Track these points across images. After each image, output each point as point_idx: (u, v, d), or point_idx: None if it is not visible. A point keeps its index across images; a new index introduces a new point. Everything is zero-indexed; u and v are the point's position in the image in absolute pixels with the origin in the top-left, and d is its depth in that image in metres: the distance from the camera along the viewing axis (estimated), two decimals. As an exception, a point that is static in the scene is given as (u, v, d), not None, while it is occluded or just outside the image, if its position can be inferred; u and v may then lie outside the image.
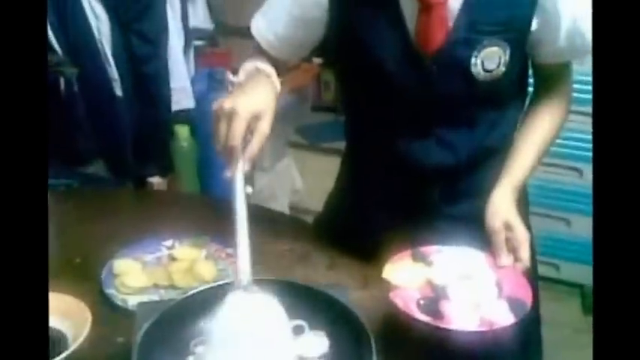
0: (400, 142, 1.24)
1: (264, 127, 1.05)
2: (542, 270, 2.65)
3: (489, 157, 1.26)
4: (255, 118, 1.04)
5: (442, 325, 1.00)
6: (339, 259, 1.32)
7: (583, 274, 2.63)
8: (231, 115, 1.03)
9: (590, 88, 2.35)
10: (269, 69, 1.18)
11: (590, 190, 2.40)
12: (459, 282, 1.09)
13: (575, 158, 2.52)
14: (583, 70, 2.20)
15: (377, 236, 1.24)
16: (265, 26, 1.27)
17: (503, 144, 1.26)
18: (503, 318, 1.02)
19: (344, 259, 1.32)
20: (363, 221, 1.34)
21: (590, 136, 2.38)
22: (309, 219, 1.63)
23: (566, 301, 2.70)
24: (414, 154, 1.23)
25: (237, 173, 1.03)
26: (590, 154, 2.33)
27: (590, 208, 2.52)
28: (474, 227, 1.17)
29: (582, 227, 2.56)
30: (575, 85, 2.29)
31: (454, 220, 1.26)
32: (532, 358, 1.43)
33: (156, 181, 2.12)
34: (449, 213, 1.28)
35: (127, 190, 1.94)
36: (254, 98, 1.08)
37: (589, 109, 2.38)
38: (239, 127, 1.02)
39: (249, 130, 1.04)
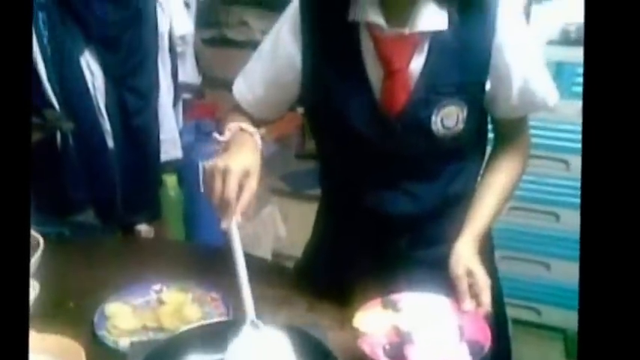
0: (368, 193, 1.32)
1: (253, 183, 1.15)
2: (524, 314, 2.76)
3: (453, 206, 1.34)
4: (245, 175, 1.14)
5: None
6: (318, 303, 1.38)
7: (565, 318, 2.67)
8: (225, 173, 1.12)
9: (564, 135, 2.48)
10: (252, 128, 1.27)
11: (567, 234, 2.50)
12: (424, 327, 1.16)
13: (553, 203, 2.58)
14: (559, 119, 2.34)
15: (352, 281, 1.32)
16: (245, 88, 1.37)
17: (466, 193, 1.35)
18: None
19: (322, 303, 1.38)
20: (338, 267, 1.41)
21: (565, 182, 2.48)
22: (292, 265, 1.70)
23: (549, 346, 2.73)
24: (382, 205, 1.32)
25: (233, 224, 1.13)
26: (566, 198, 2.48)
27: (568, 252, 2.65)
28: (441, 272, 1.25)
29: (562, 271, 2.61)
30: (552, 133, 2.45)
31: (422, 265, 1.34)
32: None
33: (143, 228, 2.18)
34: (417, 258, 1.36)
35: (117, 237, 1.99)
36: (243, 156, 1.17)
37: (564, 155, 2.51)
38: (233, 183, 1.12)
39: (240, 186, 1.13)
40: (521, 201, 2.55)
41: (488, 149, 1.41)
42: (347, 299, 1.28)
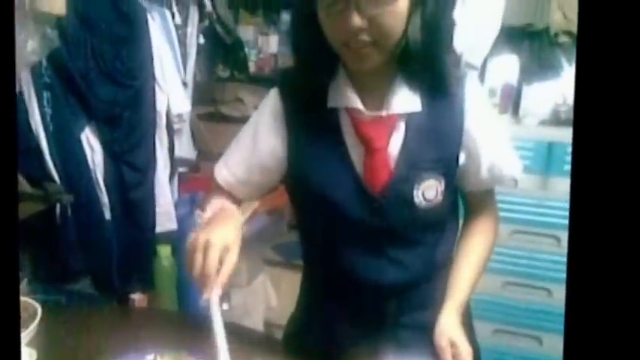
0: (354, 264, 1.37)
1: (233, 258, 1.19)
2: (517, 388, 2.75)
3: (436, 271, 1.40)
4: (226, 249, 1.18)
5: None
6: None
7: (558, 392, 2.65)
8: (206, 247, 1.17)
9: (556, 212, 2.55)
10: (232, 207, 1.34)
11: (559, 309, 2.54)
12: None
13: (545, 279, 2.64)
14: (551, 196, 2.41)
15: (341, 349, 1.37)
16: (226, 172, 1.43)
17: (447, 259, 1.42)
18: None
19: None
20: (327, 336, 1.44)
21: (557, 258, 2.56)
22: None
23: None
24: (368, 274, 1.36)
25: (213, 297, 1.18)
26: (558, 274, 2.52)
27: (560, 326, 2.64)
28: (428, 336, 1.32)
29: (554, 346, 2.63)
30: (544, 210, 2.52)
31: (410, 330, 1.38)
32: None
33: (137, 297, 2.22)
34: (405, 324, 1.40)
35: (112, 306, 2.01)
36: (224, 232, 1.21)
37: (556, 232, 2.57)
38: (213, 258, 1.16)
39: (220, 260, 1.18)
40: (514, 276, 2.61)
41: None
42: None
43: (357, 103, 1.28)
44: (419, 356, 1.30)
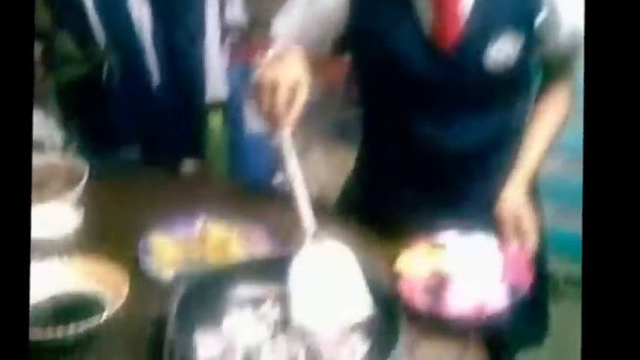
0: (417, 128, 1.32)
1: (303, 93, 1.13)
2: None
3: (504, 141, 1.34)
4: (295, 85, 1.12)
5: (437, 312, 1.09)
6: (363, 240, 1.34)
7: None
8: (274, 84, 1.10)
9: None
10: (295, 47, 1.25)
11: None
12: (466, 267, 1.16)
13: None
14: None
15: (402, 217, 1.32)
16: (286, 22, 1.36)
17: (516, 129, 1.34)
18: (498, 302, 1.09)
19: (368, 240, 1.33)
20: (387, 204, 1.41)
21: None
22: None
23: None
24: (433, 139, 1.31)
25: (285, 135, 1.12)
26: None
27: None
28: (490, 209, 1.28)
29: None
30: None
31: (476, 200, 1.34)
32: (536, 336, 1.51)
33: (187, 165, 2.19)
34: (470, 193, 1.36)
35: (161, 172, 1.97)
36: (291, 68, 1.15)
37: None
38: (283, 96, 1.10)
39: (289, 98, 1.12)
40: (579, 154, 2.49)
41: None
42: (393, 237, 1.28)
43: None
44: (481, 228, 1.25)
